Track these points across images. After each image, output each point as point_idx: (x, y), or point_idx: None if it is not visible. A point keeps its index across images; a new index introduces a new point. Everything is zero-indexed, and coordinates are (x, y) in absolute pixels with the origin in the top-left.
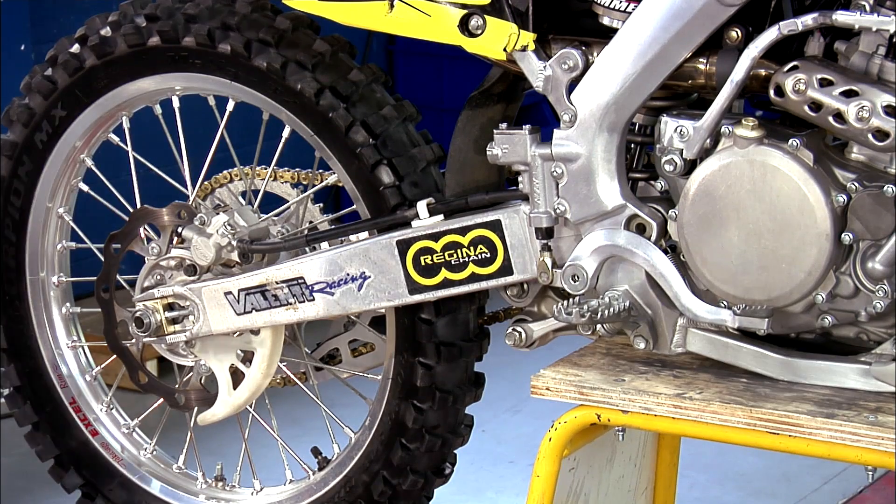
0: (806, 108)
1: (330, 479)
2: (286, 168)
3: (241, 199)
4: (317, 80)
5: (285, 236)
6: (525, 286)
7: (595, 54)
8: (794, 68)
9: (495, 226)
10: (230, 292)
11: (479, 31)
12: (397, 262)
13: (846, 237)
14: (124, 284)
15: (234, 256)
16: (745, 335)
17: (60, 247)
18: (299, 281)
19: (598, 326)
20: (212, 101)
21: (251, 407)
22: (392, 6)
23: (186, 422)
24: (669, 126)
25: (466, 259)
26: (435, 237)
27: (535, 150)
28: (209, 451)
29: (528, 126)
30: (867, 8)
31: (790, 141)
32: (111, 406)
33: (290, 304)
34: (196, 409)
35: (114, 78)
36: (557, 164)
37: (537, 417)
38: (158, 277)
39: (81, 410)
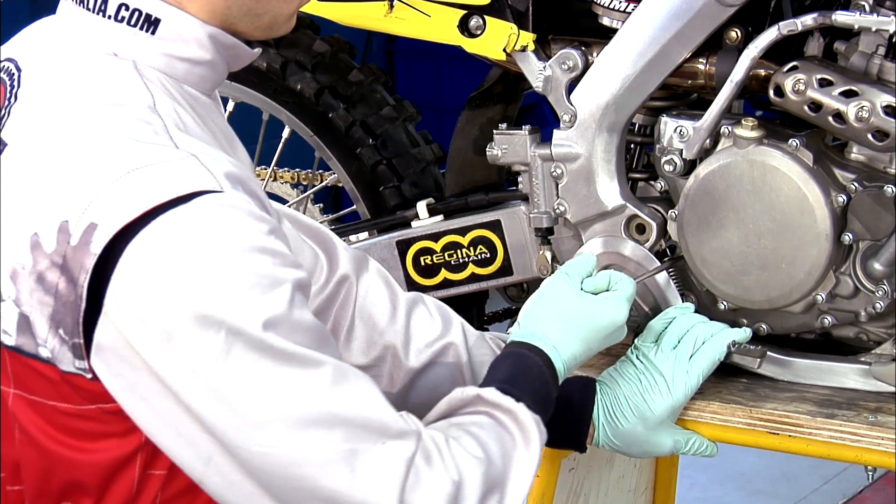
0: (806, 108)
1: None
2: (286, 168)
3: None
4: (317, 80)
5: None
6: (525, 286)
7: (595, 54)
8: (794, 68)
9: (495, 226)
10: None
11: (478, 32)
12: (397, 263)
13: (846, 237)
14: None
15: None
16: None
17: None
18: None
19: None
20: None
21: None
22: (392, 6)
23: None
24: (669, 126)
25: (466, 259)
26: (435, 237)
27: (535, 150)
28: None
29: (527, 126)
30: (867, 8)
31: (790, 141)
32: None
33: None
34: None
35: None
36: (557, 164)
37: None
38: None
39: None
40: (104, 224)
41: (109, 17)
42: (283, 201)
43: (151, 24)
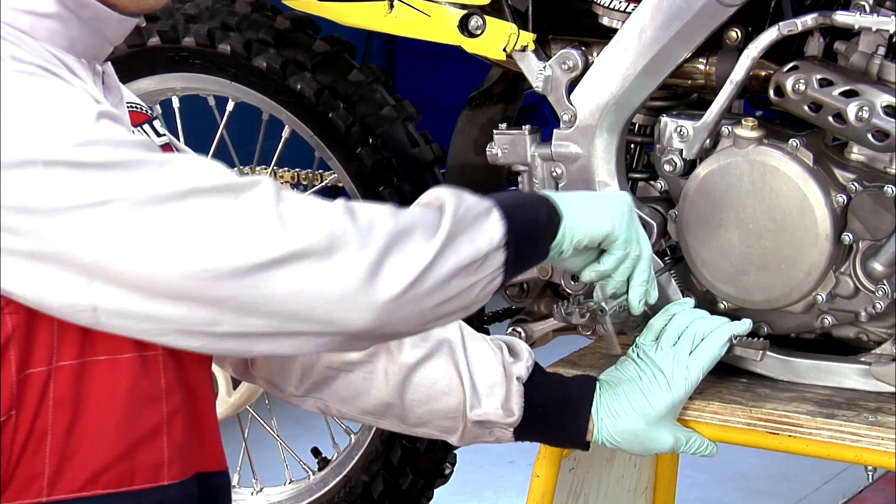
0: (806, 108)
1: (330, 480)
2: (286, 168)
3: None
4: (316, 80)
5: None
6: (525, 286)
7: (595, 54)
8: (794, 68)
9: None
10: None
11: (478, 32)
12: None
13: (846, 237)
14: None
15: None
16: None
17: None
18: None
19: (598, 326)
20: (211, 102)
21: (251, 407)
22: (392, 6)
23: None
24: (669, 126)
25: None
26: None
27: (535, 150)
28: None
29: (527, 126)
30: (867, 8)
31: (790, 141)
32: None
33: None
34: None
35: None
36: (557, 164)
37: None
38: None
39: None
40: None
41: None
42: None
43: None
